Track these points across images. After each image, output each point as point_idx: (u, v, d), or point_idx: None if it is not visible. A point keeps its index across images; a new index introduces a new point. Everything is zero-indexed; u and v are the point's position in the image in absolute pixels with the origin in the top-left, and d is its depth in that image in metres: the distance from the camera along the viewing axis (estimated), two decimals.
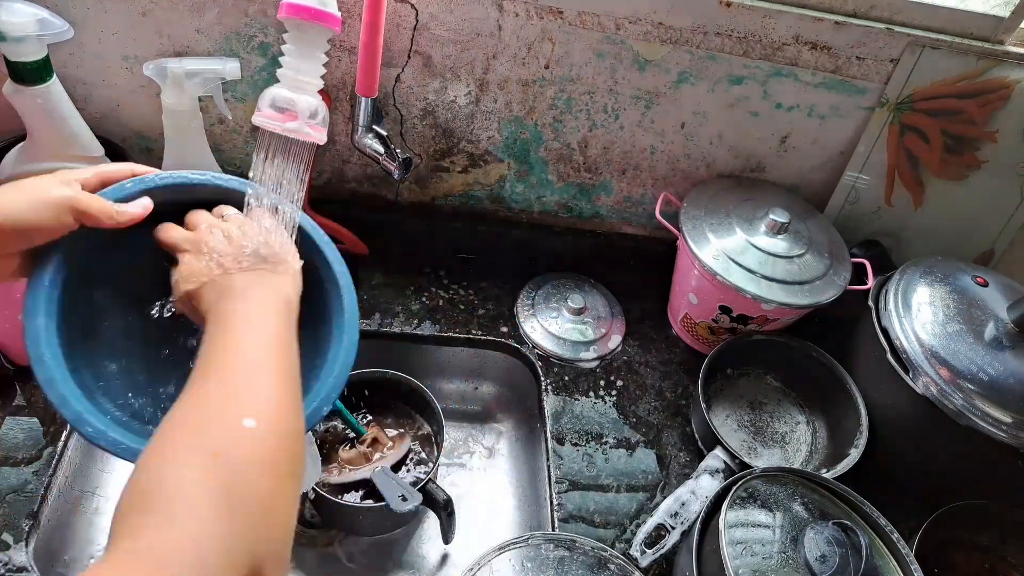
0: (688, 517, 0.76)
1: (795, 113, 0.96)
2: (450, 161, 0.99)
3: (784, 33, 0.88)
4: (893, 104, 0.94)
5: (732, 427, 0.93)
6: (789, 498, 0.72)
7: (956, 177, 1.00)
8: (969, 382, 0.77)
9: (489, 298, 1.02)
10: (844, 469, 0.83)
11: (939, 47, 0.89)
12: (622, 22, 0.86)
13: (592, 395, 0.94)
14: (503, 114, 0.94)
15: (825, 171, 1.02)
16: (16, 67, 0.73)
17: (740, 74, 0.91)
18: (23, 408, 0.78)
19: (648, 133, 0.97)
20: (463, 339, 0.97)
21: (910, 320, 0.82)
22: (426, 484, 0.78)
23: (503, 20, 0.86)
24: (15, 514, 0.70)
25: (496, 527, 0.89)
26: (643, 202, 1.06)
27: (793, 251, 0.91)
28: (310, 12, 0.74)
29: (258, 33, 0.85)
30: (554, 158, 1.00)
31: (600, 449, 0.88)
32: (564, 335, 0.98)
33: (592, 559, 0.72)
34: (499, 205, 1.05)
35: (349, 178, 1.00)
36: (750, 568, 0.65)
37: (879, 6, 0.88)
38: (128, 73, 0.87)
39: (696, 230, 0.92)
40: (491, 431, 1.00)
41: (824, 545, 0.66)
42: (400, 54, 0.88)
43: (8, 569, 0.67)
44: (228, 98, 0.90)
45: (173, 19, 0.83)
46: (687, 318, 0.99)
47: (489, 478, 0.94)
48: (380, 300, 0.98)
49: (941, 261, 0.90)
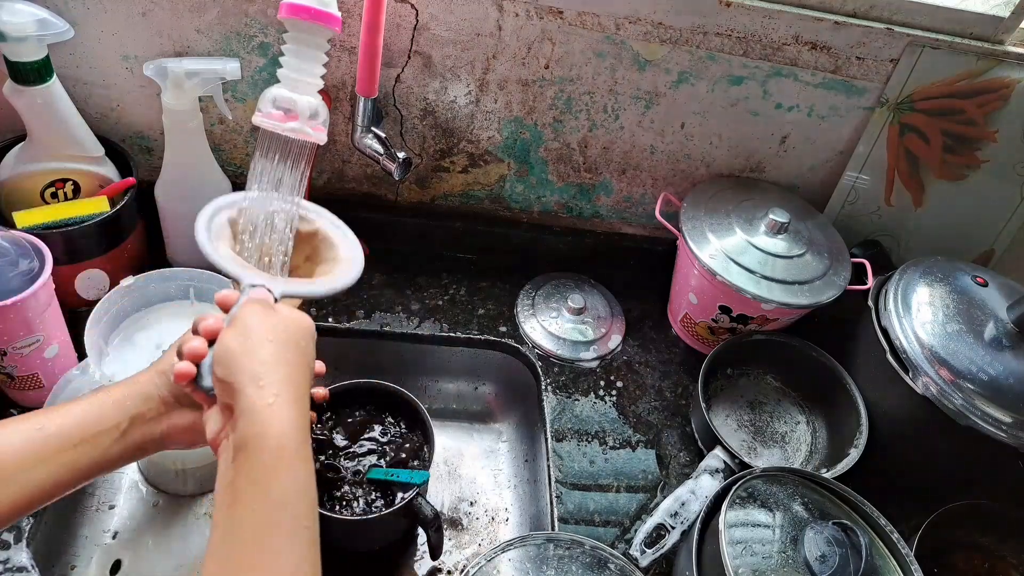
0: (688, 517, 0.76)
1: (795, 113, 0.96)
2: (450, 161, 0.99)
3: (784, 33, 0.88)
4: (893, 104, 0.94)
5: (732, 427, 0.93)
6: (789, 498, 0.72)
7: (956, 177, 1.00)
8: (969, 382, 0.77)
9: (489, 298, 1.02)
10: (844, 469, 0.83)
11: (939, 47, 0.89)
12: (622, 22, 0.86)
13: (592, 395, 0.94)
14: (503, 114, 0.94)
15: (825, 171, 1.02)
16: (16, 67, 0.73)
17: (740, 74, 0.91)
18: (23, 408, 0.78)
19: (648, 133, 0.97)
20: (463, 339, 0.97)
21: (910, 320, 0.82)
22: (413, 499, 0.75)
23: (503, 20, 0.86)
24: None
25: (496, 527, 0.89)
26: (643, 202, 1.06)
27: (793, 251, 0.91)
28: (310, 12, 0.74)
29: (258, 33, 0.85)
30: (554, 158, 1.00)
31: (600, 449, 0.88)
32: (564, 335, 0.98)
33: (592, 559, 0.72)
34: (499, 205, 1.05)
35: (349, 178, 1.00)
36: (750, 568, 0.65)
37: (879, 6, 0.88)
38: (128, 73, 0.87)
39: (696, 230, 0.92)
40: (491, 431, 1.00)
41: (824, 545, 0.66)
42: (400, 54, 0.88)
43: (8, 569, 0.67)
44: (228, 98, 0.90)
45: (173, 19, 0.83)
46: (687, 318, 0.99)
47: (489, 478, 0.94)
48: (380, 300, 0.98)
49: (941, 261, 0.90)
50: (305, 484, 0.48)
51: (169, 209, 0.88)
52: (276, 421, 0.48)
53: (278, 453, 0.47)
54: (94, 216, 0.80)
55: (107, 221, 0.80)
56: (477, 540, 0.87)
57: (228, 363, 0.49)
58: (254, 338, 0.51)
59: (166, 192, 0.87)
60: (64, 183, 0.81)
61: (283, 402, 0.48)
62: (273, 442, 0.47)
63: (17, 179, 0.80)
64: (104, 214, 0.80)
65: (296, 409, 0.49)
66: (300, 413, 0.50)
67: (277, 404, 0.48)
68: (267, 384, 0.48)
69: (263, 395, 0.48)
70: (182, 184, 0.86)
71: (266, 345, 0.50)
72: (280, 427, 0.48)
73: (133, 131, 0.92)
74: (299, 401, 0.50)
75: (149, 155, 0.95)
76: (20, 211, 0.77)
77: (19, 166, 0.80)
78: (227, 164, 0.96)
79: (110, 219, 0.81)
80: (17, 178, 0.80)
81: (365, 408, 0.84)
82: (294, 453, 0.48)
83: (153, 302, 0.81)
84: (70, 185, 0.82)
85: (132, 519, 0.81)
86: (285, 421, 0.48)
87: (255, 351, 0.50)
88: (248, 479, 0.46)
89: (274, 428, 0.47)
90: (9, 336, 0.70)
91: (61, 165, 0.81)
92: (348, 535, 0.82)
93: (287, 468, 0.47)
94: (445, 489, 0.92)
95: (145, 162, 0.94)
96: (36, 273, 0.70)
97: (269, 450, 0.47)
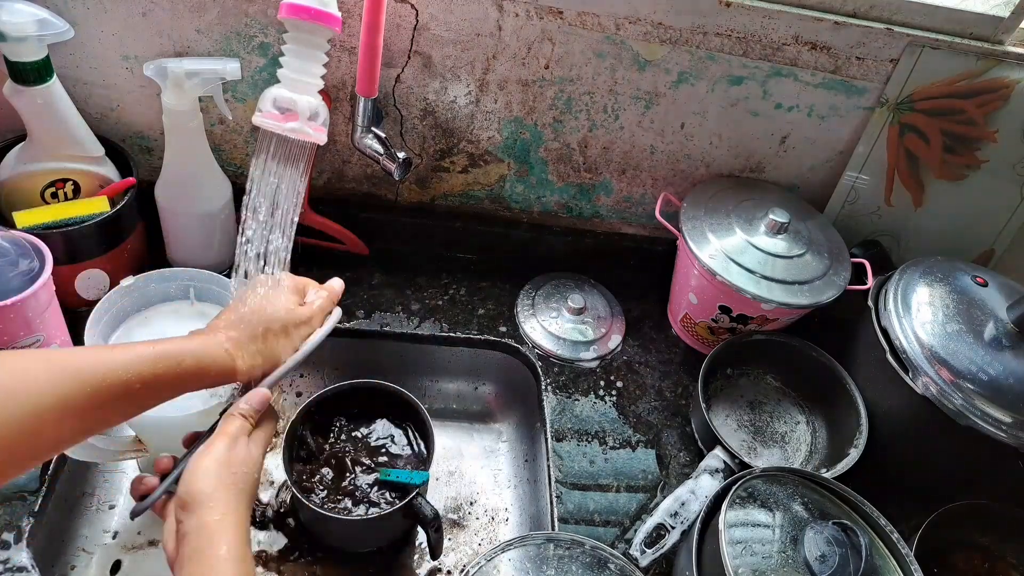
0: (688, 517, 0.76)
1: (795, 113, 0.96)
2: (450, 161, 0.99)
3: (784, 33, 0.88)
4: (893, 104, 0.94)
5: (732, 427, 0.93)
6: (789, 498, 0.72)
7: (956, 177, 1.00)
8: (969, 382, 0.77)
9: (489, 298, 1.02)
10: (844, 469, 0.83)
11: (939, 47, 0.89)
12: (622, 22, 0.86)
13: (592, 395, 0.94)
14: (503, 114, 0.94)
15: (825, 171, 1.02)
16: (16, 67, 0.74)
17: (740, 74, 0.91)
18: None
19: (648, 133, 0.97)
20: (463, 339, 0.97)
21: (910, 320, 0.82)
22: (413, 499, 0.75)
23: (503, 20, 0.86)
24: (15, 514, 0.70)
25: (496, 527, 0.89)
26: (643, 202, 1.06)
27: (793, 251, 0.91)
28: (310, 12, 0.75)
29: (258, 33, 0.85)
30: (554, 158, 1.00)
31: (600, 449, 0.88)
32: (564, 335, 0.98)
33: (592, 559, 0.72)
34: (499, 205, 1.05)
35: (349, 178, 1.00)
36: (750, 568, 0.65)
37: (879, 6, 0.88)
38: (128, 73, 0.87)
39: (696, 230, 0.92)
40: (491, 431, 1.00)
41: (824, 545, 0.66)
42: (400, 54, 0.88)
43: (8, 569, 0.67)
44: (228, 98, 0.90)
45: (173, 19, 0.83)
46: (687, 318, 0.99)
47: (489, 478, 0.94)
48: (380, 300, 0.98)
49: (941, 261, 0.90)
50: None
51: (169, 209, 0.88)
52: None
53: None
54: (94, 216, 0.80)
55: (107, 221, 0.80)
56: (477, 540, 0.87)
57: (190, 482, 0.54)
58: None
59: (166, 192, 0.87)
60: (64, 183, 0.81)
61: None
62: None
63: (17, 179, 0.80)
64: (104, 214, 0.80)
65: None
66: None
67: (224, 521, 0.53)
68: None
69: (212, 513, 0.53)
70: (182, 184, 0.86)
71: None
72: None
73: (133, 131, 0.92)
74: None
75: (149, 155, 0.95)
76: (20, 211, 0.77)
77: (19, 166, 0.80)
78: (227, 164, 0.96)
79: (110, 219, 0.81)
80: (17, 178, 0.80)
81: (365, 408, 0.84)
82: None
83: (153, 302, 0.81)
84: (70, 185, 0.82)
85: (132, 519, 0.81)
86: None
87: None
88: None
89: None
90: (9, 336, 0.70)
91: (61, 165, 0.81)
92: (348, 535, 0.82)
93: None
94: (445, 489, 0.92)
95: (145, 162, 0.94)
96: (36, 273, 0.70)
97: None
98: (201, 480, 0.53)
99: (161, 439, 0.74)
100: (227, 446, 0.56)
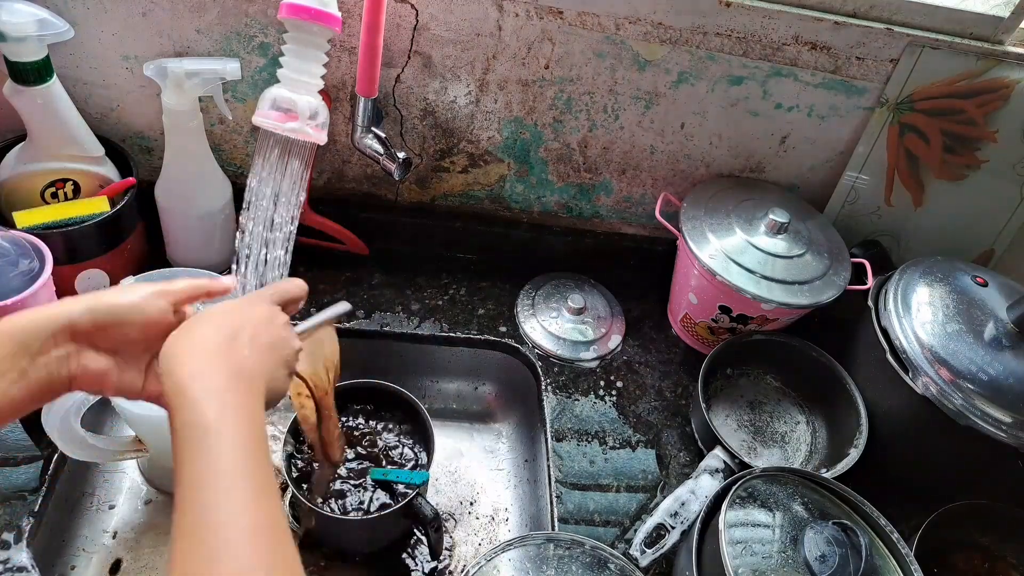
0: (688, 517, 0.76)
1: (795, 113, 0.96)
2: (450, 161, 0.99)
3: (784, 33, 0.88)
4: (893, 104, 0.94)
5: (732, 427, 0.93)
6: (789, 498, 0.72)
7: (956, 177, 1.00)
8: (969, 382, 0.77)
9: (489, 298, 1.02)
10: (844, 469, 0.83)
11: (939, 47, 0.89)
12: (622, 22, 0.86)
13: (592, 395, 0.94)
14: (503, 114, 0.94)
15: (825, 171, 1.02)
16: (16, 67, 0.74)
17: (740, 74, 0.91)
18: None
19: (648, 133, 0.97)
20: (463, 339, 0.97)
21: (910, 320, 0.82)
22: (413, 499, 0.75)
23: (503, 20, 0.86)
24: (15, 514, 0.70)
25: (496, 527, 0.89)
26: (643, 202, 1.06)
27: (793, 251, 0.91)
28: (310, 12, 0.75)
29: (258, 33, 0.85)
30: (554, 158, 1.00)
31: (600, 449, 0.88)
32: (564, 335, 0.98)
33: (592, 559, 0.72)
34: (499, 205, 1.05)
35: (349, 178, 1.00)
36: (750, 568, 0.65)
37: (879, 6, 0.88)
38: (128, 73, 0.87)
39: (696, 230, 0.92)
40: (491, 431, 1.00)
41: (824, 545, 0.66)
42: (400, 54, 0.88)
43: (8, 569, 0.67)
44: (228, 98, 0.90)
45: (173, 19, 0.83)
46: (687, 318, 0.99)
47: (489, 478, 0.94)
48: (380, 300, 0.98)
49: (941, 261, 0.90)
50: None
51: (169, 209, 0.88)
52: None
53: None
54: (94, 216, 0.80)
55: (107, 221, 0.80)
56: (477, 540, 0.87)
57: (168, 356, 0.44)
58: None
59: (166, 192, 0.87)
60: (64, 183, 0.81)
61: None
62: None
63: (17, 179, 0.80)
64: (104, 214, 0.80)
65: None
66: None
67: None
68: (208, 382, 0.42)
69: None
70: (182, 184, 0.87)
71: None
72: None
73: (133, 131, 0.93)
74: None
75: (149, 155, 0.95)
76: (20, 211, 0.77)
77: (19, 166, 0.80)
78: (227, 164, 0.96)
79: (110, 219, 0.81)
80: (17, 178, 0.80)
81: (365, 408, 0.84)
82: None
83: None
84: (70, 185, 0.82)
85: (132, 519, 0.81)
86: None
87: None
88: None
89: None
90: None
91: (61, 165, 0.81)
92: (348, 535, 0.82)
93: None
94: (445, 489, 0.92)
95: (145, 162, 0.94)
96: (36, 273, 0.70)
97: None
98: (187, 359, 0.42)
99: (161, 439, 0.74)
100: (229, 308, 0.45)
